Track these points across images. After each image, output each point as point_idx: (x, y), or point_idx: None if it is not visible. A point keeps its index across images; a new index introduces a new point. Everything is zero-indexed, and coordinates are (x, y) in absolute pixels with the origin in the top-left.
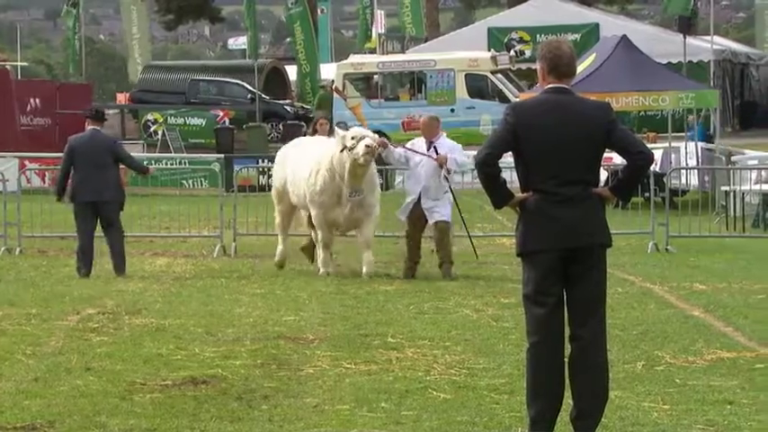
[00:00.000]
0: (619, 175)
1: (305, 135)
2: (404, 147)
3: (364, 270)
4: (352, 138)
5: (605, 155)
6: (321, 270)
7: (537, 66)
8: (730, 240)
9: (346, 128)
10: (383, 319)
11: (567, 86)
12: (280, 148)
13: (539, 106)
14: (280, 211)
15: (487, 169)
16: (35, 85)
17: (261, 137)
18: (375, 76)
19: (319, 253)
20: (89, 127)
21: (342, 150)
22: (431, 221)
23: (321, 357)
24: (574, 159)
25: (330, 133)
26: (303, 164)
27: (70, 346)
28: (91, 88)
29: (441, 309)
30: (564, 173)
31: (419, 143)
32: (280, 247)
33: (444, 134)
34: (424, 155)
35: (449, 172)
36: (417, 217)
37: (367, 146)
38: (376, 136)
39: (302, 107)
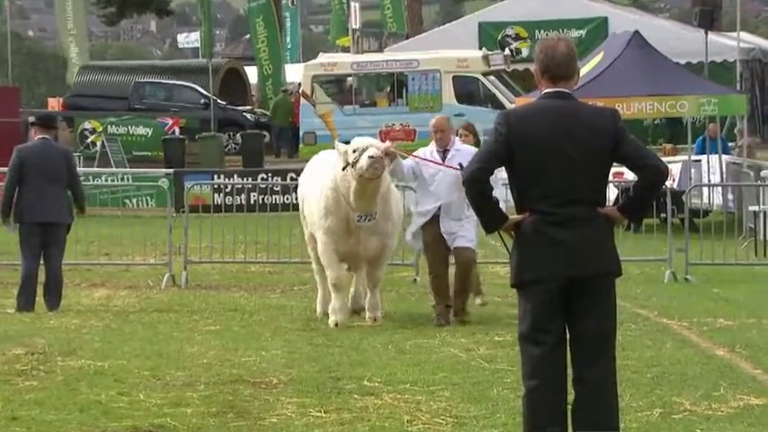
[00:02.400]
0: (629, 193)
1: (265, 145)
2: (414, 156)
3: (367, 315)
4: (354, 150)
5: (615, 170)
6: (331, 318)
7: (533, 67)
8: (759, 269)
9: (315, 139)
10: (358, 359)
11: (567, 91)
12: (237, 161)
13: (535, 114)
14: (313, 249)
15: (477, 187)
16: None
17: (216, 148)
18: (348, 79)
19: (327, 296)
20: (37, 136)
21: (344, 168)
22: (451, 246)
23: (286, 404)
24: (576, 175)
25: (477, 144)
26: (313, 186)
27: None
28: (18, 92)
29: (424, 347)
30: (565, 191)
31: (429, 153)
32: (320, 292)
33: (457, 139)
34: (442, 165)
35: None
36: (437, 242)
37: (371, 156)
38: (383, 144)
39: (264, 114)
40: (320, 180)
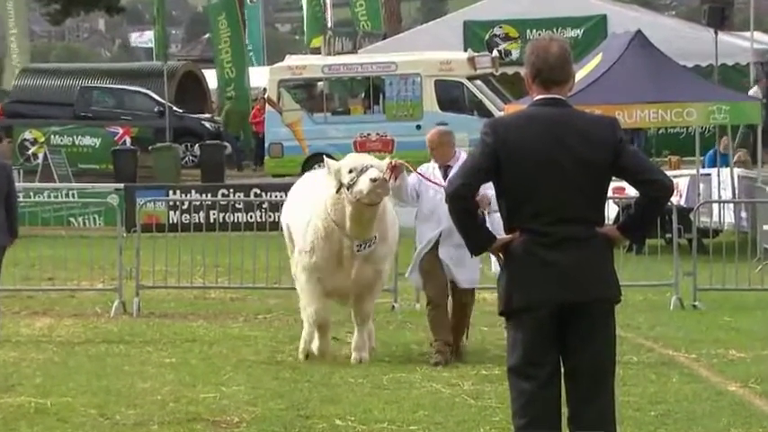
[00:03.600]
0: (630, 211)
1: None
2: (418, 173)
3: (353, 356)
4: (350, 171)
5: (615, 184)
6: (299, 350)
7: (524, 71)
8: None
9: (281, 151)
10: (329, 395)
11: (561, 97)
12: (195, 175)
13: (525, 123)
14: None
15: (461, 204)
16: None
17: (171, 161)
18: (319, 83)
19: (309, 338)
20: None
21: (338, 190)
22: (450, 276)
23: None
24: (572, 191)
25: None
26: (301, 212)
27: None
28: None
29: (404, 382)
30: (559, 208)
31: (430, 170)
32: (305, 331)
33: (463, 153)
34: (443, 186)
35: (487, 213)
36: (435, 270)
37: (373, 179)
38: (382, 163)
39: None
40: (307, 208)
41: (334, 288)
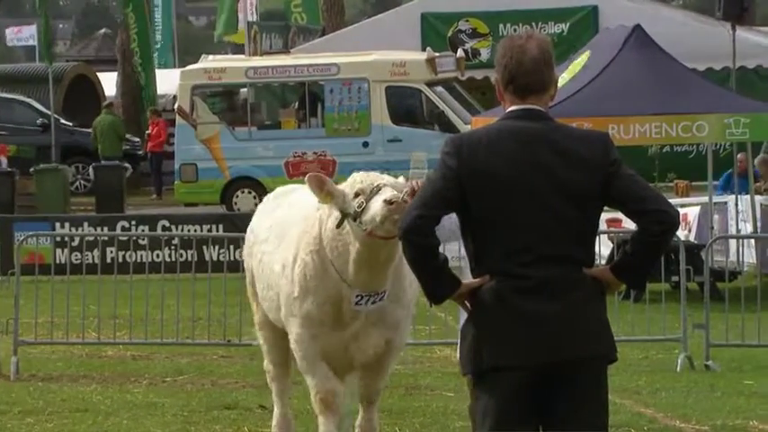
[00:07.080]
0: (627, 248)
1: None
2: None
3: None
4: (357, 194)
5: (608, 215)
6: None
7: (495, 75)
8: None
9: (195, 174)
10: None
11: (540, 108)
12: (88, 203)
13: (496, 140)
14: (266, 339)
15: (417, 240)
16: None
17: (59, 186)
18: (242, 90)
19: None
20: None
21: (340, 224)
22: None
23: None
24: (554, 224)
25: None
26: (279, 242)
27: None
28: None
29: None
30: (538, 245)
31: None
32: (276, 411)
33: None
34: None
35: None
36: None
37: (388, 200)
38: (398, 181)
39: (128, 139)
40: (292, 236)
41: (332, 353)
